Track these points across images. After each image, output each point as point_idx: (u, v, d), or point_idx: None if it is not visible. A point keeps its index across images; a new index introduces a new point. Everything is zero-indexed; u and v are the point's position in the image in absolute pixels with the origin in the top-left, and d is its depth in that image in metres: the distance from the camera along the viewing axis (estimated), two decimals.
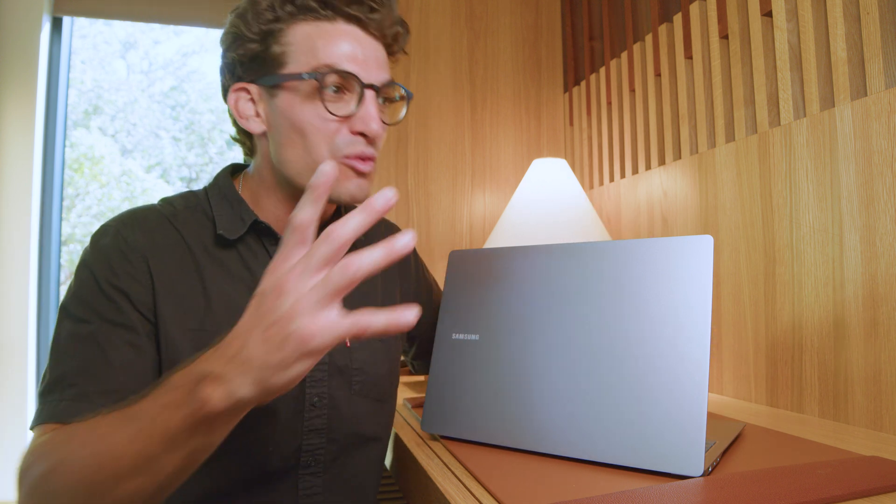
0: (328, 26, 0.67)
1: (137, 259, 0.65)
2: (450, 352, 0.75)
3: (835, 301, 0.87)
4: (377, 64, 0.69)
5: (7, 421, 1.71)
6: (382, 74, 0.70)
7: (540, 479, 0.57)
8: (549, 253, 0.71)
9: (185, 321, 0.66)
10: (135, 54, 2.55)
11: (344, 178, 0.69)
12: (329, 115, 0.66)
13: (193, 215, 0.72)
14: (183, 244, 0.69)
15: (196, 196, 0.75)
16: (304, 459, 0.71)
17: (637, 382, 0.61)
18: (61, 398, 0.58)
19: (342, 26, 0.67)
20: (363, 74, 0.67)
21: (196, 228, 0.71)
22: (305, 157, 0.68)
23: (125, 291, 0.63)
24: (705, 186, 1.16)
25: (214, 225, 0.71)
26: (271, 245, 0.73)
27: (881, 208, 0.80)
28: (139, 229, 0.67)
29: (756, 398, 1.01)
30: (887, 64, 0.82)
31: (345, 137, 0.68)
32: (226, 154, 2.62)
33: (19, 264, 1.75)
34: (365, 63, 0.67)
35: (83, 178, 2.41)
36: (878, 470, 0.57)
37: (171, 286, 0.66)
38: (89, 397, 0.58)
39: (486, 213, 1.78)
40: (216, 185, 0.76)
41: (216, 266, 0.70)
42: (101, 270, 0.64)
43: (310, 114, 0.67)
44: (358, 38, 0.68)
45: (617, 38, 1.57)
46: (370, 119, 0.67)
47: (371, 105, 0.68)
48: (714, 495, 0.50)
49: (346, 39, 0.67)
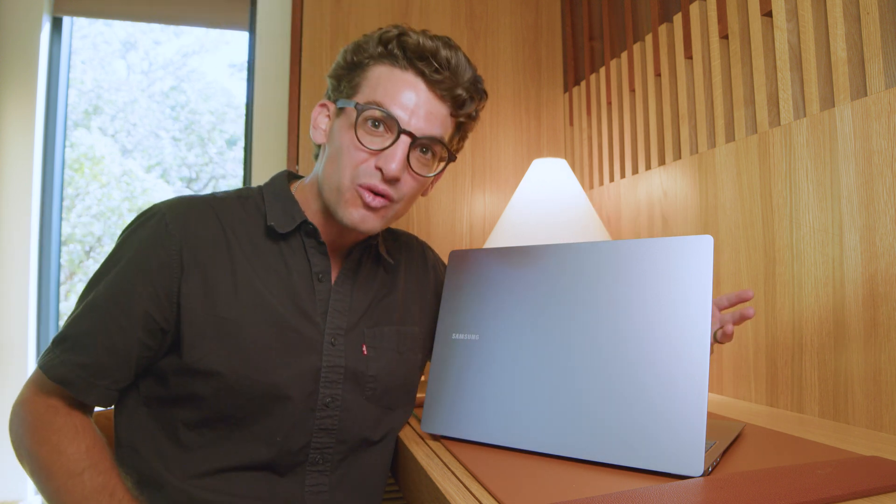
0: (399, 73, 0.74)
1: (172, 245, 0.71)
2: (450, 352, 0.75)
3: (835, 301, 0.87)
4: (427, 117, 0.74)
5: (7, 420, 1.71)
6: (429, 128, 0.74)
7: (540, 479, 0.57)
8: (549, 253, 0.71)
9: (211, 307, 0.70)
10: (135, 54, 2.55)
11: (352, 205, 0.74)
12: (359, 144, 0.72)
13: (244, 206, 0.78)
14: (222, 237, 0.74)
15: (251, 191, 0.82)
16: (312, 456, 0.74)
17: (637, 382, 0.61)
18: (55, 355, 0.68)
19: (409, 76, 0.74)
20: (405, 121, 0.73)
21: (243, 219, 0.77)
22: (334, 174, 0.74)
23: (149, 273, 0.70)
24: (705, 186, 1.16)
25: (264, 218, 0.77)
26: (311, 247, 0.78)
27: (881, 208, 0.80)
28: (183, 218, 0.73)
29: (756, 398, 1.01)
30: (887, 64, 0.82)
31: (367, 168, 0.73)
32: (226, 154, 2.62)
33: (19, 264, 1.75)
34: (414, 112, 0.73)
35: (83, 178, 2.40)
36: (878, 470, 0.57)
37: (202, 275, 0.71)
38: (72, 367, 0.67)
39: (486, 213, 1.78)
40: (272, 185, 0.82)
41: (254, 257, 0.75)
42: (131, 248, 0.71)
43: (348, 139, 0.74)
44: (417, 89, 0.74)
45: (617, 38, 1.57)
46: (391, 159, 0.72)
47: (399, 148, 0.72)
48: (714, 495, 0.50)
49: (406, 87, 0.74)
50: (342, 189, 0.73)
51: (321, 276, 0.77)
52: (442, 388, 0.74)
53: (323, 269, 0.78)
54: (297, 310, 0.74)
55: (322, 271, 0.77)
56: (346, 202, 0.73)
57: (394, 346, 0.81)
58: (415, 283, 0.90)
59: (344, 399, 0.75)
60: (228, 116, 2.62)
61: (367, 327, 0.79)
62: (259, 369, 0.70)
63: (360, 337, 0.78)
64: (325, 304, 0.77)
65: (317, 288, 0.77)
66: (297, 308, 0.74)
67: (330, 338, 0.75)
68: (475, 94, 0.79)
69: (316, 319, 0.75)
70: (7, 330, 1.73)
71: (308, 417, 0.73)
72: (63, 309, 1.98)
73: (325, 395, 0.73)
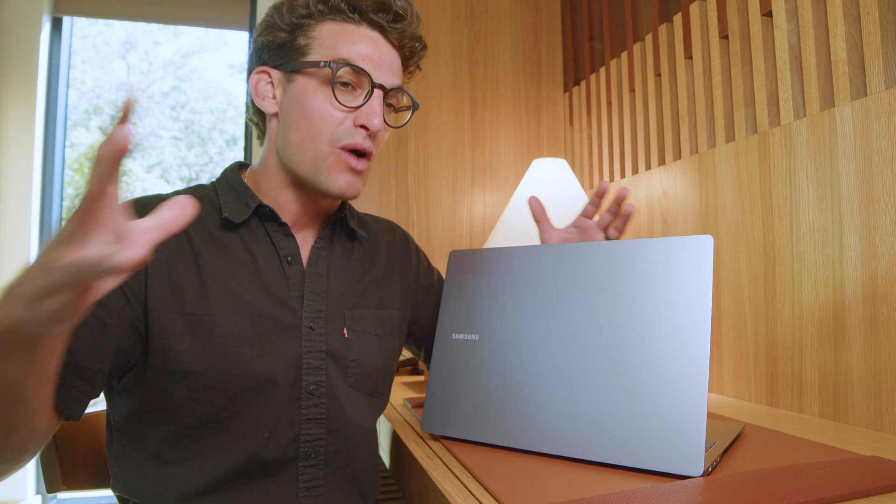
0: (353, 28, 0.73)
1: None
2: (450, 352, 0.75)
3: (835, 301, 0.87)
4: (390, 69, 0.74)
5: None
6: (393, 79, 0.75)
7: (540, 479, 0.57)
8: (549, 253, 0.71)
9: (178, 305, 0.67)
10: (135, 55, 2.55)
11: (336, 170, 0.72)
12: (337, 104, 0.71)
13: (200, 204, 0.74)
14: (182, 233, 0.71)
15: (204, 188, 0.79)
16: (303, 450, 0.71)
17: (637, 382, 0.61)
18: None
19: (365, 30, 0.73)
20: (375, 74, 0.72)
21: (200, 215, 0.74)
22: (307, 141, 0.72)
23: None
24: (705, 186, 1.16)
25: (219, 212, 0.74)
26: (273, 230, 0.75)
27: (881, 208, 0.80)
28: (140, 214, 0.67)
29: (756, 398, 1.01)
30: (887, 64, 0.82)
31: (346, 128, 0.72)
32: (226, 154, 2.62)
33: (19, 264, 1.75)
34: (379, 65, 0.73)
35: (84, 178, 2.40)
36: (878, 470, 0.57)
37: (165, 272, 0.68)
38: None
39: (486, 213, 1.78)
40: (223, 177, 0.80)
41: (217, 250, 0.72)
42: None
43: (319, 101, 0.71)
44: (377, 42, 0.73)
45: (617, 38, 1.57)
46: (374, 114, 0.71)
47: (377, 102, 0.72)
48: (714, 495, 0.50)
49: (366, 42, 0.73)
50: (321, 155, 0.71)
51: (290, 259, 0.74)
52: (442, 388, 0.74)
53: (291, 251, 0.75)
54: (269, 297, 0.71)
55: (291, 254, 0.75)
56: (328, 168, 0.71)
57: (373, 330, 0.79)
58: (397, 264, 0.88)
59: (329, 386, 0.72)
60: (228, 116, 2.62)
61: (347, 309, 0.77)
62: (236, 363, 0.67)
63: (341, 319, 0.75)
64: (299, 288, 0.74)
65: (288, 272, 0.74)
66: (270, 295, 0.72)
67: (309, 321, 0.73)
68: (424, 45, 0.79)
69: (292, 304, 0.72)
70: None
71: (293, 408, 0.70)
72: None
73: (310, 383, 0.71)
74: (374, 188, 1.73)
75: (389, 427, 0.89)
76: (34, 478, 1.76)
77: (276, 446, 0.69)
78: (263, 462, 0.69)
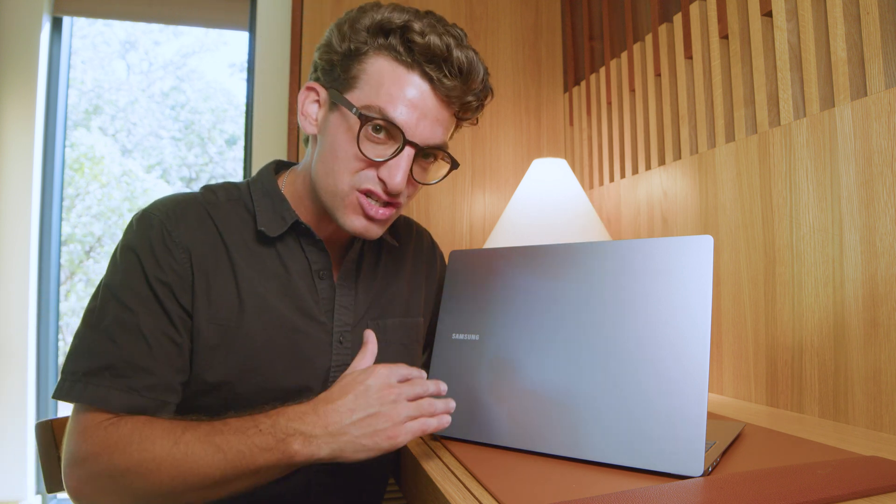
0: (403, 72, 0.67)
1: (181, 254, 0.67)
2: (450, 352, 0.75)
3: (835, 301, 0.87)
4: (432, 125, 0.69)
5: (7, 421, 1.71)
6: (433, 136, 0.70)
7: (540, 479, 0.57)
8: (549, 253, 0.71)
9: (214, 316, 0.68)
10: (135, 55, 2.55)
11: (353, 211, 0.70)
12: (360, 155, 0.67)
13: (234, 209, 0.74)
14: (220, 241, 0.70)
15: (238, 189, 0.76)
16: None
17: (637, 382, 0.61)
18: (111, 386, 0.62)
19: (415, 78, 0.67)
20: (410, 130, 0.67)
21: (236, 223, 0.73)
22: (329, 175, 0.70)
23: (170, 286, 0.66)
24: (705, 186, 1.16)
25: (255, 220, 0.73)
26: (307, 245, 0.75)
27: (881, 208, 0.80)
28: (182, 223, 0.69)
29: (756, 398, 1.01)
30: (887, 64, 0.82)
31: (368, 175, 0.69)
32: (226, 154, 2.62)
33: (19, 264, 1.75)
34: (419, 120, 0.68)
35: (84, 178, 2.40)
36: (878, 470, 0.57)
37: (207, 281, 0.68)
38: (139, 391, 0.63)
39: (486, 213, 1.78)
40: (259, 180, 0.77)
41: (253, 262, 0.71)
42: (147, 261, 0.66)
43: (346, 144, 0.68)
44: (423, 94, 0.68)
45: (617, 38, 1.57)
46: (396, 172, 0.68)
47: (404, 160, 0.68)
48: (714, 495, 0.50)
49: (412, 91, 0.67)
50: (339, 194, 0.69)
51: (322, 274, 0.75)
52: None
53: (323, 266, 0.75)
54: (301, 312, 0.72)
55: (322, 269, 0.75)
56: (345, 208, 0.70)
57: (399, 339, 0.80)
58: (423, 273, 0.88)
59: None
60: (228, 116, 2.62)
61: (371, 319, 0.78)
62: (269, 377, 0.69)
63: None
64: (329, 303, 0.75)
65: (318, 286, 0.74)
66: (301, 310, 0.72)
67: (338, 336, 0.74)
68: (484, 97, 0.73)
69: (321, 319, 0.73)
70: (7, 330, 1.73)
71: None
72: (63, 309, 1.98)
73: None
74: None
75: None
76: (34, 478, 1.76)
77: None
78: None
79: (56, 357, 1.89)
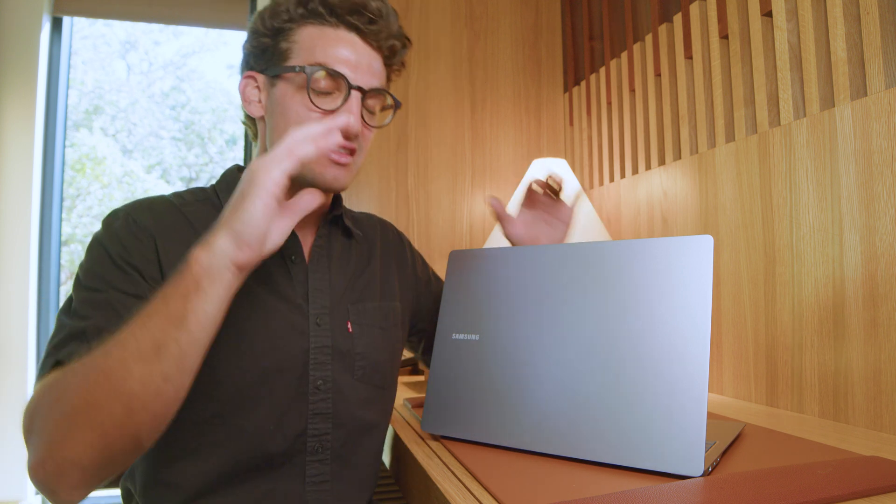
0: (330, 31, 0.74)
1: (146, 239, 0.69)
2: (450, 352, 0.75)
3: (835, 301, 0.86)
4: (369, 70, 0.75)
5: (7, 421, 1.71)
6: (372, 80, 0.75)
7: (540, 479, 0.57)
8: (549, 253, 0.71)
9: None
10: (135, 55, 2.55)
11: (319, 165, 0.73)
12: (313, 107, 0.72)
13: (203, 207, 0.76)
14: (189, 228, 0.72)
15: (205, 191, 0.80)
16: (311, 445, 0.73)
17: (637, 382, 0.61)
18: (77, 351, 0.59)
19: (343, 33, 0.74)
20: (352, 77, 0.73)
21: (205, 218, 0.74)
22: None
23: (137, 267, 0.67)
24: (705, 186, 1.16)
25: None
26: None
27: (881, 208, 0.80)
28: (148, 213, 0.72)
29: (756, 398, 1.01)
30: (887, 64, 0.82)
31: None
32: (226, 154, 2.62)
33: (19, 264, 1.75)
34: (357, 67, 0.73)
35: (85, 178, 2.41)
36: (878, 470, 0.57)
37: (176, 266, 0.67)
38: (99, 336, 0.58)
39: (486, 213, 1.78)
40: (223, 180, 0.81)
41: None
42: (113, 247, 0.68)
43: (297, 105, 0.72)
44: (355, 44, 0.74)
45: (617, 38, 1.57)
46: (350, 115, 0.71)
47: (354, 104, 0.73)
48: (714, 495, 0.50)
49: (344, 44, 0.73)
50: None
51: (294, 258, 0.76)
52: (442, 388, 0.74)
53: (294, 250, 0.77)
54: (277, 295, 0.73)
55: (293, 253, 0.77)
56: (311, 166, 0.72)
57: (377, 322, 0.81)
58: (392, 258, 0.90)
59: (335, 381, 0.74)
60: (228, 116, 2.62)
61: (350, 303, 0.79)
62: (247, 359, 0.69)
63: (345, 314, 0.77)
64: (303, 286, 0.76)
65: (292, 271, 0.76)
66: (278, 293, 0.74)
67: (315, 318, 0.74)
68: (404, 42, 0.79)
69: (297, 301, 0.74)
70: (7, 330, 1.73)
71: (301, 402, 0.72)
72: None
73: (316, 378, 0.73)
74: (374, 189, 1.73)
75: (389, 427, 0.89)
76: None
77: (282, 439, 0.71)
78: (270, 455, 0.70)
79: None
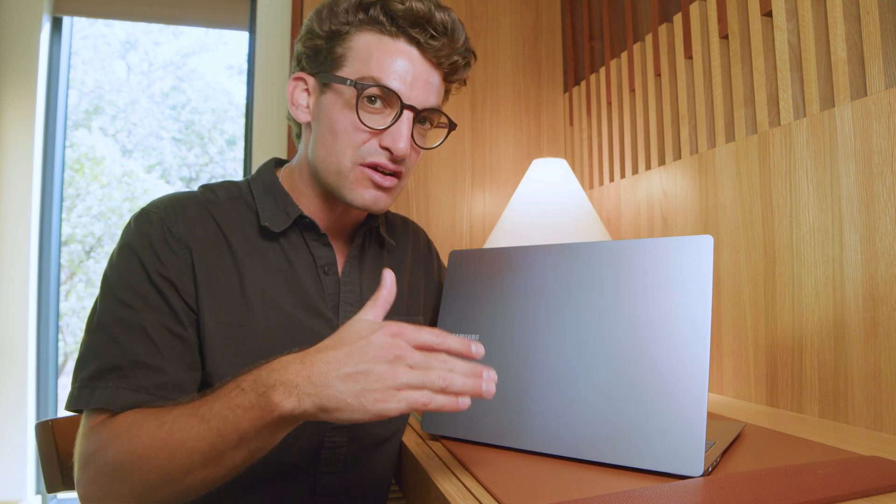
0: (389, 42, 0.69)
1: (182, 250, 0.66)
2: None
3: (835, 301, 0.87)
4: (426, 87, 0.71)
5: (7, 421, 1.71)
6: (428, 98, 0.71)
7: (540, 479, 0.57)
8: (549, 253, 0.71)
9: (221, 315, 0.67)
10: (135, 55, 2.55)
11: (360, 185, 0.70)
12: (360, 125, 0.68)
13: (235, 206, 0.74)
14: (222, 238, 0.70)
15: (238, 187, 0.76)
16: (324, 456, 0.72)
17: (637, 382, 0.61)
18: (117, 387, 0.60)
19: (402, 45, 0.70)
20: (406, 94, 0.69)
21: (238, 220, 0.72)
22: (330, 155, 0.70)
23: (172, 282, 0.65)
24: (705, 186, 1.16)
25: (257, 217, 0.73)
26: (312, 240, 0.75)
27: (881, 208, 0.80)
28: (182, 220, 0.68)
29: (756, 398, 1.01)
30: (887, 64, 0.82)
31: (371, 148, 0.70)
32: (226, 154, 2.62)
33: (19, 264, 1.75)
34: (413, 84, 0.69)
35: (84, 178, 2.40)
36: (878, 470, 0.57)
37: (210, 279, 0.67)
38: (148, 390, 0.60)
39: (486, 213, 1.78)
40: (259, 178, 0.77)
41: (256, 258, 0.71)
42: (148, 258, 0.65)
43: (346, 120, 0.69)
44: (413, 58, 0.70)
45: (617, 38, 1.57)
46: (399, 137, 0.69)
47: (404, 125, 0.69)
48: (714, 495, 0.50)
49: (401, 58, 0.69)
50: (344, 171, 0.70)
51: (327, 269, 0.74)
52: None
53: (328, 261, 0.75)
54: (307, 308, 0.72)
55: (327, 264, 0.75)
56: (351, 184, 0.70)
57: None
58: (421, 270, 0.89)
59: None
60: (228, 116, 2.62)
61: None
62: None
63: None
64: (334, 298, 0.74)
65: (324, 282, 0.74)
66: (307, 306, 0.72)
67: None
68: (469, 59, 0.75)
69: (328, 315, 0.73)
70: (7, 330, 1.73)
71: None
72: (63, 309, 1.98)
73: None
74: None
75: None
76: (34, 478, 1.76)
77: (298, 451, 0.70)
78: (283, 466, 0.69)
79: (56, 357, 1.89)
